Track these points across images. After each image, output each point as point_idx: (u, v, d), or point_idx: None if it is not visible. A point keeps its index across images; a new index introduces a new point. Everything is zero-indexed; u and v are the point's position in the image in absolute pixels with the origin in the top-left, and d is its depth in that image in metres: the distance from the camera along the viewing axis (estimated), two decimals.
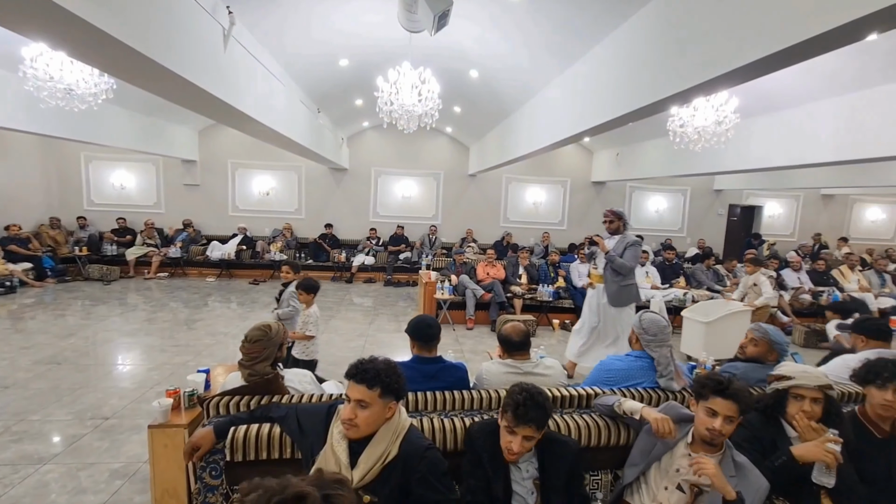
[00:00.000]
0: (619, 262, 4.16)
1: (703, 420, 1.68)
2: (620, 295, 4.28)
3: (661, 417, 1.81)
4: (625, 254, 4.21)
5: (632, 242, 4.26)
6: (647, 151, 8.05)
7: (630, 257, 4.20)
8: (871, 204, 12.08)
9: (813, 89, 4.74)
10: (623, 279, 4.26)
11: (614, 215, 4.39)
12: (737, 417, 1.65)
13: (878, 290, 7.88)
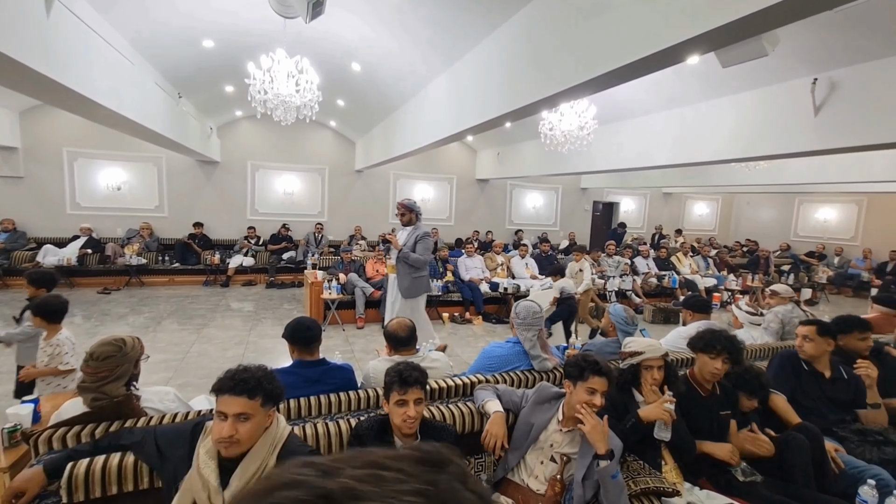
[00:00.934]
0: (414, 257, 4.22)
1: (584, 398, 1.85)
2: (413, 286, 4.34)
3: (493, 434, 1.97)
4: (416, 247, 4.26)
5: (422, 235, 4.31)
6: (524, 152, 8.68)
7: (422, 250, 4.26)
8: (699, 200, 14.54)
9: (655, 103, 5.54)
10: (416, 271, 4.33)
11: (405, 208, 4.39)
12: (607, 391, 1.86)
13: (704, 272, 9.52)
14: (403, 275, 4.29)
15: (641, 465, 2.04)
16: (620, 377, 2.23)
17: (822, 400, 2.66)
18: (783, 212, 13.58)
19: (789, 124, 4.17)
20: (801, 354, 2.74)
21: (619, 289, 8.09)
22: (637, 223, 13.65)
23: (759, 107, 4.47)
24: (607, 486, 1.73)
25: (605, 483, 1.73)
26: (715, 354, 2.27)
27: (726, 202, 14.74)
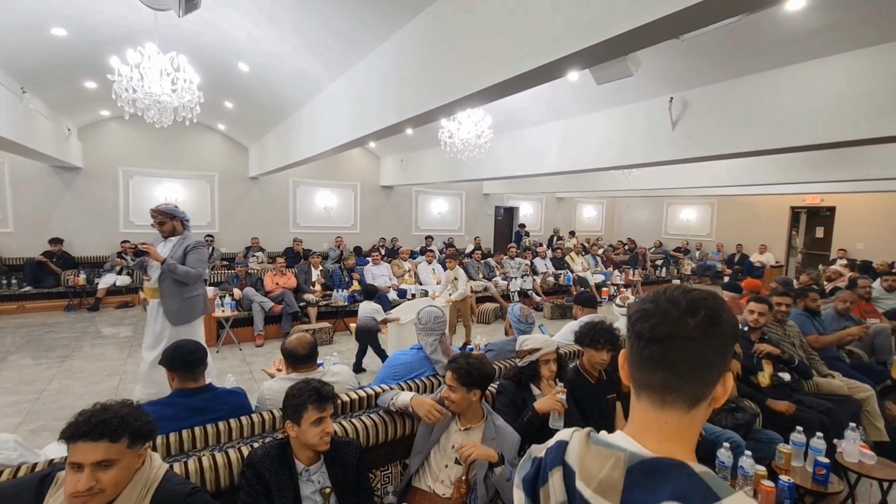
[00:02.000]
0: (183, 270, 3.30)
1: (467, 398, 1.92)
2: (184, 309, 3.39)
3: (429, 408, 1.98)
4: (187, 259, 3.38)
5: (194, 244, 3.44)
6: (427, 158, 8.82)
7: (194, 261, 3.39)
8: (587, 204, 15.93)
9: (544, 114, 5.95)
10: (187, 290, 3.40)
11: (163, 215, 3.45)
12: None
13: (594, 270, 10.44)
14: (171, 296, 3.33)
15: None
16: (521, 374, 2.34)
17: None
18: (655, 213, 15.42)
19: (652, 136, 4.74)
20: None
21: (520, 288, 8.54)
22: (535, 226, 14.56)
23: (628, 121, 5.03)
24: (504, 488, 1.80)
25: (501, 486, 1.80)
26: (600, 347, 2.49)
27: (610, 205, 16.35)
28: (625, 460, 0.69)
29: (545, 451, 0.81)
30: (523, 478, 0.83)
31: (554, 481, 0.76)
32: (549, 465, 0.78)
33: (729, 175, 7.58)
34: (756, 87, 3.95)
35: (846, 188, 8.89)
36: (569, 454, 0.75)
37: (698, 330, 0.68)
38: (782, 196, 11.65)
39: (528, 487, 0.81)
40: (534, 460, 0.83)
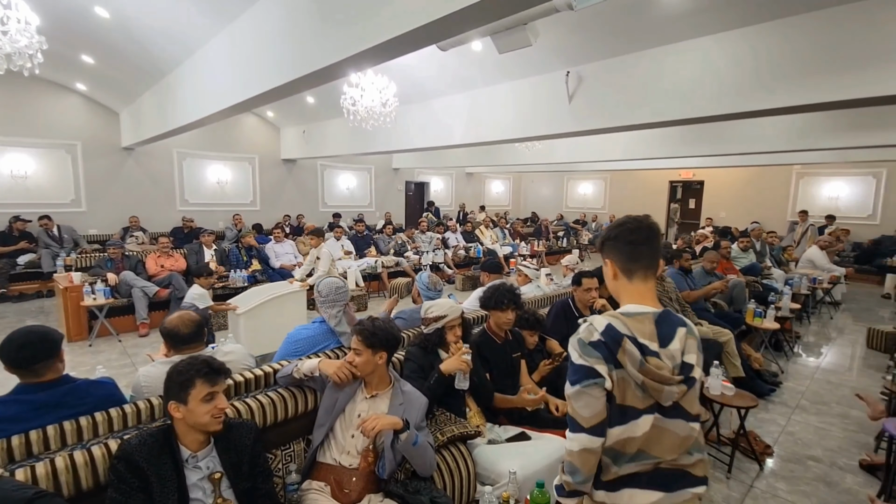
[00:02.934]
0: None
1: (372, 360, 1.86)
2: None
3: (338, 366, 1.89)
4: None
5: None
6: (331, 129, 8.37)
7: None
8: (495, 179, 16.42)
9: (450, 85, 5.90)
10: None
11: None
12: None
13: (502, 242, 10.84)
14: None
15: (448, 416, 2.17)
16: (427, 341, 2.32)
17: None
18: (556, 188, 16.37)
19: (552, 109, 4.93)
20: (585, 302, 3.33)
21: (432, 262, 8.60)
22: (446, 201, 14.70)
23: (530, 93, 5.17)
24: (411, 453, 1.79)
25: (407, 451, 1.79)
26: (505, 307, 2.56)
27: (516, 180, 17.02)
28: (651, 317, 1.22)
29: (602, 335, 1.18)
30: (602, 355, 1.17)
31: (626, 346, 1.16)
32: (616, 338, 1.17)
33: (619, 150, 8.21)
34: (641, 64, 4.25)
35: (712, 163, 10.11)
36: (620, 328, 1.18)
37: (657, 234, 1.28)
38: (663, 171, 12.99)
39: (607, 354, 1.17)
40: (594, 344, 1.18)
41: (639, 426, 1.17)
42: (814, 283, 6.71)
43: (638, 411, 1.18)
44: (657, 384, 1.15)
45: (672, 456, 1.20)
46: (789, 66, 3.43)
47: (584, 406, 1.17)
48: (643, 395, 1.17)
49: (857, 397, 3.00)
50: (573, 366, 1.20)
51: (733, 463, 2.91)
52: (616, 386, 1.17)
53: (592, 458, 1.18)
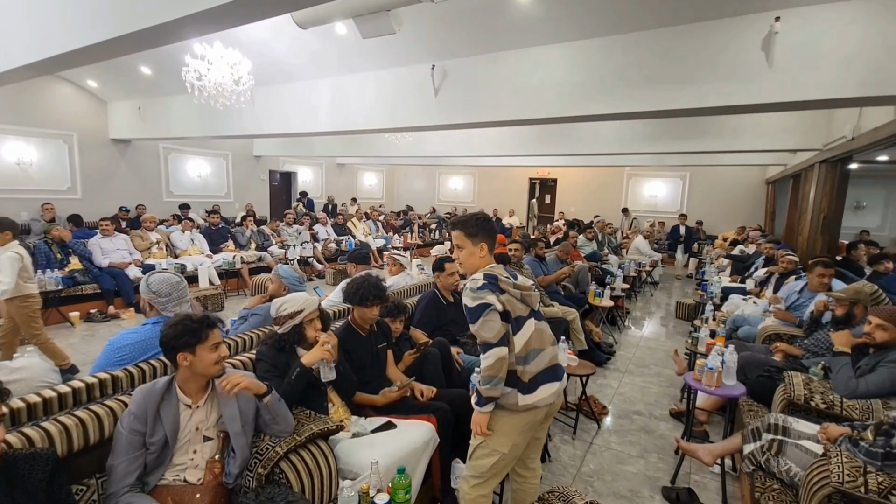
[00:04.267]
0: None
1: (213, 357, 1.66)
2: None
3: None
4: None
5: None
6: (175, 107, 7.32)
7: None
8: (368, 171, 16.15)
9: (314, 69, 5.57)
10: None
11: None
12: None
13: (375, 235, 10.72)
14: None
15: (308, 414, 2.04)
16: (283, 341, 2.14)
17: (450, 321, 3.36)
18: (429, 181, 16.76)
19: (419, 101, 4.98)
20: (448, 287, 3.40)
21: (301, 256, 8.13)
22: (316, 193, 14.01)
23: (398, 83, 5.15)
24: (277, 410, 1.77)
25: (276, 411, 1.77)
26: (370, 304, 2.49)
27: (389, 173, 16.97)
28: (502, 268, 1.82)
29: (483, 279, 1.70)
30: (490, 289, 1.68)
31: (501, 277, 1.74)
32: (493, 277, 1.71)
33: (485, 147, 8.69)
34: (500, 64, 4.51)
35: (564, 162, 11.31)
36: (492, 272, 1.74)
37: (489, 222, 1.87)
38: (524, 168, 14.15)
39: (492, 286, 1.69)
40: (482, 286, 1.69)
41: (528, 327, 1.75)
42: (639, 266, 7.94)
43: (524, 318, 1.75)
44: (529, 292, 1.78)
45: (550, 346, 1.82)
46: (620, 78, 3.95)
47: (489, 329, 1.64)
48: (523, 305, 1.76)
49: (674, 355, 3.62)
50: (470, 310, 1.68)
51: (577, 425, 3.28)
52: (506, 305, 1.70)
53: (504, 362, 1.65)
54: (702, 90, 3.60)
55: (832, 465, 1.77)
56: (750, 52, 3.39)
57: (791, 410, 2.49)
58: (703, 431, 3.25)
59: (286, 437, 1.84)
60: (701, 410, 3.35)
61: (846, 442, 1.91)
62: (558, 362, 1.87)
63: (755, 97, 3.42)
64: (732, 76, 3.47)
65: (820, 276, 3.74)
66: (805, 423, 2.23)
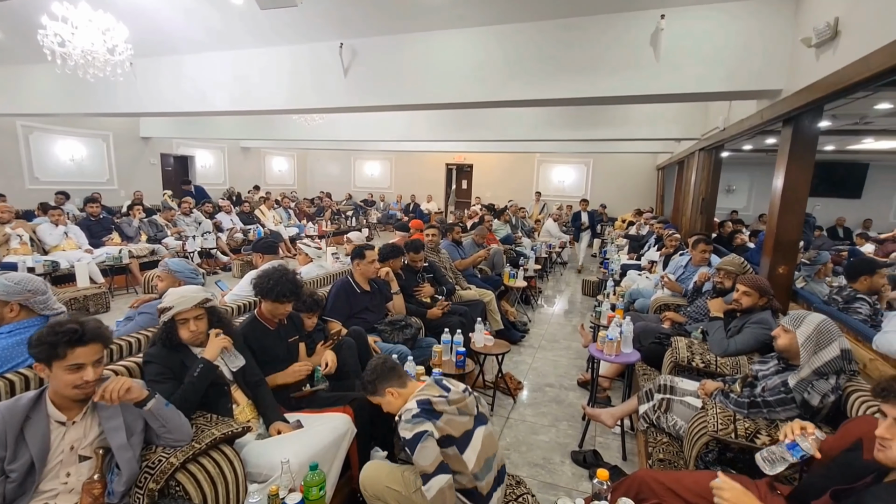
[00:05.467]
0: None
1: (71, 379, 1.42)
2: None
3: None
4: None
5: None
6: (35, 79, 6.24)
7: None
8: (277, 156, 15.21)
9: (206, 40, 5.03)
10: None
11: None
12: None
13: (287, 223, 10.16)
14: None
15: (208, 419, 1.87)
16: (168, 336, 1.92)
17: (365, 308, 3.28)
18: (344, 167, 16.22)
19: (327, 81, 4.74)
20: (367, 275, 3.30)
21: (202, 248, 7.47)
22: (218, 179, 12.93)
23: (304, 61, 4.85)
24: (166, 417, 1.60)
25: (163, 416, 1.59)
26: (285, 301, 2.34)
27: (301, 158, 16.13)
28: (433, 384, 1.82)
29: (417, 406, 1.65)
30: (425, 418, 1.63)
31: (434, 400, 1.69)
32: (426, 402, 1.67)
33: (400, 131, 8.56)
34: (411, 46, 4.42)
35: (479, 147, 11.53)
36: (423, 398, 1.70)
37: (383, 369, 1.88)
38: (440, 154, 14.21)
39: (427, 415, 1.64)
40: (415, 416, 1.64)
41: (477, 438, 1.70)
42: (550, 248, 8.40)
43: (470, 431, 1.70)
44: (464, 402, 1.71)
45: (496, 450, 1.79)
46: (524, 65, 4.06)
47: (425, 457, 1.56)
48: (465, 417, 1.71)
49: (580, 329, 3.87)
50: (407, 442, 1.60)
51: (495, 402, 3.40)
52: (446, 428, 1.63)
53: (447, 492, 1.55)
54: (598, 80, 3.83)
55: (709, 417, 2.01)
56: (640, 46, 3.66)
57: (677, 371, 2.79)
58: (606, 397, 3.54)
59: (183, 446, 1.67)
60: (604, 378, 3.63)
61: (720, 395, 2.17)
62: (503, 464, 1.87)
63: (645, 88, 3.71)
64: (625, 68, 3.72)
65: (702, 251, 4.21)
66: (688, 382, 2.51)
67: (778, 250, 3.48)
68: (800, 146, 3.29)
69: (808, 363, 1.93)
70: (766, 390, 2.03)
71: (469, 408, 1.74)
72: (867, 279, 3.16)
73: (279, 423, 2.05)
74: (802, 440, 1.25)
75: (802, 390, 1.90)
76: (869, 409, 1.76)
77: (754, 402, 2.00)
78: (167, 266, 2.55)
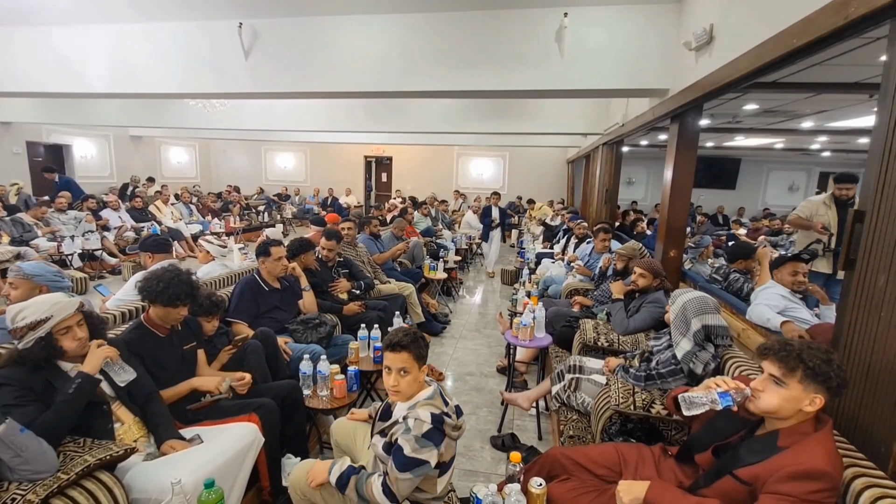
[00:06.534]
0: None
1: None
2: None
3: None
4: None
5: None
6: None
7: None
8: (175, 146, 13.84)
9: (80, 10, 4.37)
10: None
11: None
12: None
13: (188, 220, 9.30)
14: None
15: (79, 444, 1.62)
16: (29, 357, 1.64)
17: (274, 307, 3.08)
18: (254, 159, 15.20)
19: (226, 63, 4.35)
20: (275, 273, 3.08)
21: (84, 249, 6.59)
22: (103, 172, 11.47)
23: (200, 41, 4.40)
24: (20, 443, 1.37)
25: (17, 444, 1.36)
26: (179, 305, 2.13)
27: (204, 148, 14.83)
28: (436, 391, 1.66)
29: (432, 423, 1.52)
30: (434, 442, 1.52)
31: (446, 421, 1.56)
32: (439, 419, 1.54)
33: (314, 121, 8.16)
34: (322, 30, 4.18)
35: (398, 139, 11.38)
36: (436, 412, 1.55)
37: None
38: (358, 146, 13.84)
39: (438, 438, 1.53)
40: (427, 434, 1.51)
41: (453, 465, 1.67)
42: (470, 239, 8.55)
43: (454, 457, 1.66)
44: (461, 430, 1.62)
45: None
46: (438, 56, 4.02)
47: (408, 487, 1.50)
48: (455, 443, 1.65)
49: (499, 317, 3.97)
50: (404, 457, 1.47)
51: None
52: (445, 453, 1.56)
53: None
54: (508, 74, 3.91)
55: (611, 391, 2.14)
56: (547, 42, 3.79)
57: (585, 351, 2.96)
58: (523, 381, 3.67)
59: (46, 479, 1.43)
60: (521, 363, 3.77)
61: (621, 371, 2.33)
62: None
63: (552, 83, 3.86)
64: (533, 63, 3.84)
65: (602, 239, 4.52)
66: (594, 360, 2.67)
67: (669, 236, 3.82)
68: (685, 141, 3.63)
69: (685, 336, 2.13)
70: (659, 363, 2.22)
71: (462, 433, 1.65)
72: (743, 262, 3.59)
73: (173, 441, 1.85)
74: (736, 394, 1.38)
75: (688, 361, 2.09)
76: (742, 371, 1.98)
77: (650, 374, 2.17)
78: (21, 271, 2.16)
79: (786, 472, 1.22)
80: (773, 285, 2.89)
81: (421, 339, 1.64)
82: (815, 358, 1.29)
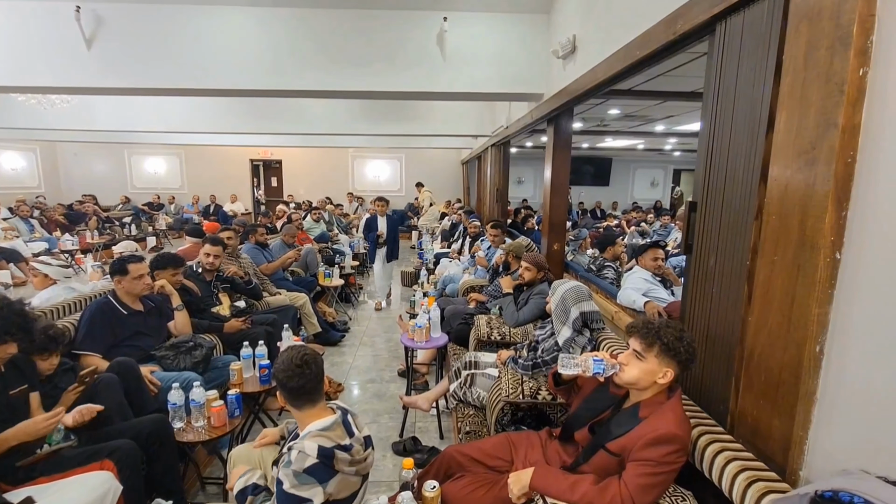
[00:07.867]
0: None
1: None
2: None
3: None
4: None
5: None
6: None
7: None
8: (8, 150, 11.59)
9: None
10: None
11: None
12: None
13: (28, 237, 7.85)
14: None
15: None
16: None
17: (136, 333, 2.68)
18: (117, 164, 13.34)
19: (63, 54, 3.71)
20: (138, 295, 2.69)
21: None
22: None
23: (29, 25, 3.70)
24: None
25: None
26: (10, 340, 1.74)
27: (48, 153, 12.61)
28: (338, 421, 1.52)
29: (317, 457, 1.38)
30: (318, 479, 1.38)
31: (338, 455, 1.41)
32: (328, 454, 1.39)
33: (187, 122, 7.36)
34: (181, 20, 3.76)
35: (285, 141, 10.76)
36: (328, 444, 1.41)
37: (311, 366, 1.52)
38: (242, 148, 12.81)
39: (323, 474, 1.39)
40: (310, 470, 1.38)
41: (358, 501, 1.55)
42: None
43: (356, 493, 1.51)
44: (365, 461, 1.50)
45: None
46: (315, 53, 3.83)
47: None
48: (357, 479, 1.50)
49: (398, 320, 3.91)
50: (283, 493, 1.35)
51: None
52: (335, 492, 1.40)
53: None
54: (393, 75, 3.88)
55: (502, 383, 2.21)
56: (429, 45, 3.83)
57: (480, 347, 3.04)
58: (424, 382, 3.67)
59: None
60: (421, 364, 3.76)
61: (510, 362, 2.42)
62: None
63: (434, 86, 3.91)
64: (416, 64, 3.86)
65: (493, 235, 4.70)
66: (488, 354, 2.75)
67: (552, 230, 4.10)
68: (560, 142, 3.91)
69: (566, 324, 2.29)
70: (544, 351, 2.34)
71: (367, 467, 1.52)
72: (611, 249, 3.97)
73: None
74: (609, 367, 1.49)
75: (568, 346, 2.24)
76: (614, 350, 2.17)
77: (536, 363, 2.29)
78: None
79: (645, 439, 1.34)
80: (638, 270, 3.23)
81: (312, 363, 1.50)
82: (669, 335, 1.44)
